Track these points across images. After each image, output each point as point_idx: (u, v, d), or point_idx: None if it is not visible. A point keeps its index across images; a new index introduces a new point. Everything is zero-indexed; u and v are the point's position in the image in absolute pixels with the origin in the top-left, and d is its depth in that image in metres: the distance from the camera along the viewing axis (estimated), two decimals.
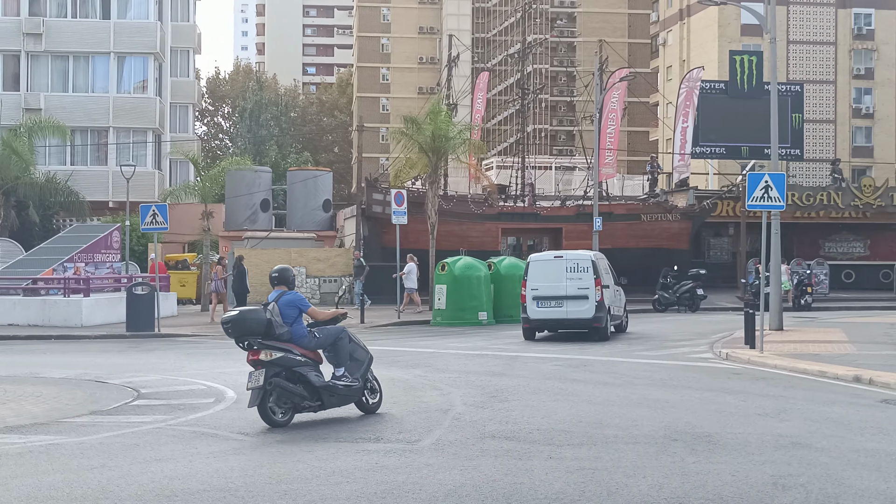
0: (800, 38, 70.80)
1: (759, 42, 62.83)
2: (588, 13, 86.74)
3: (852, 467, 9.61)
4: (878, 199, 51.81)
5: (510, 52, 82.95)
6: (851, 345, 22.19)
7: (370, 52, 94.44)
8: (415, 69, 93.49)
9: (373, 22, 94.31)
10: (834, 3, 71.26)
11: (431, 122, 37.10)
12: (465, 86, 59.30)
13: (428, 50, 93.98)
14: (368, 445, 10.78)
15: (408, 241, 37.58)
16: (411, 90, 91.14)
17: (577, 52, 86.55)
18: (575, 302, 25.19)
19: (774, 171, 23.97)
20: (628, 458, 9.99)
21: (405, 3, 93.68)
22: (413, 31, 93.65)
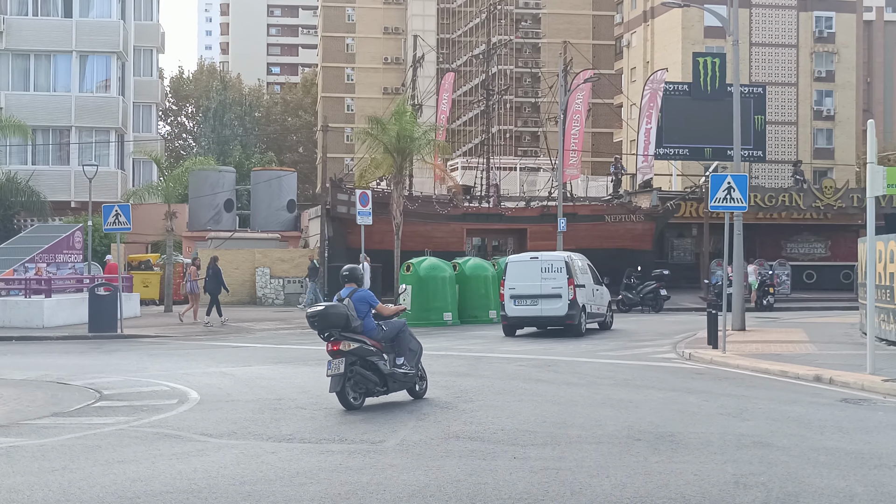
0: (762, 40, 71.37)
1: (722, 44, 63.31)
2: (553, 14, 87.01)
3: (812, 466, 9.70)
4: (839, 201, 52.34)
5: (475, 52, 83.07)
6: (812, 345, 22.41)
7: (335, 52, 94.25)
8: (380, 69, 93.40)
9: (337, 22, 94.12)
10: (795, 6, 71.90)
11: (396, 123, 37.08)
12: (430, 86, 59.32)
13: (393, 50, 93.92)
14: (332, 446, 10.76)
15: (373, 241, 37.56)
16: (376, 90, 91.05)
17: (541, 53, 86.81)
18: (549, 300, 26.47)
19: (737, 173, 24.16)
20: (592, 458, 10.03)
21: (370, 4, 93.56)
22: (378, 32, 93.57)
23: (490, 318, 32.34)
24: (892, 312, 20.83)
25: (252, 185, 55.85)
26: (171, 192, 40.22)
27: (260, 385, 16.04)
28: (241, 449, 10.68)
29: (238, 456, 10.30)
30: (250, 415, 12.92)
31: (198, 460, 10.12)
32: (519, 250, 46.62)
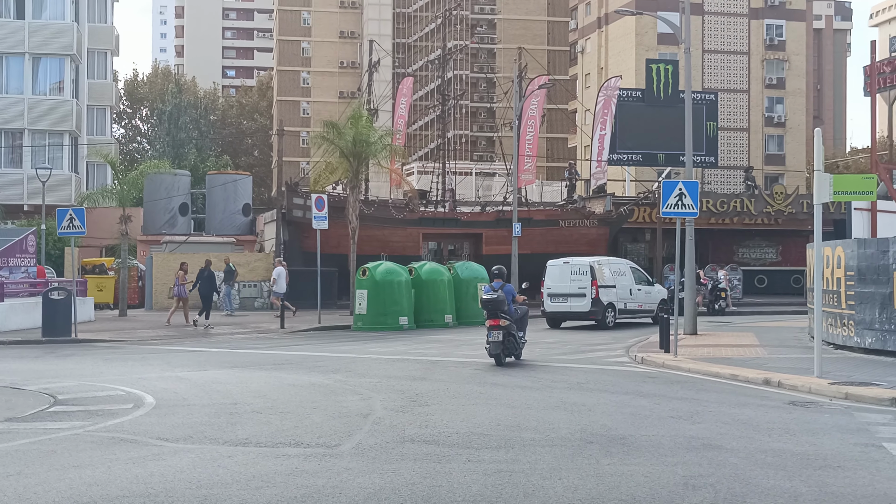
0: (715, 47, 72.18)
1: (675, 51, 63.96)
2: (508, 20, 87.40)
3: (759, 467, 9.93)
4: (790, 206, 53.00)
5: (431, 57, 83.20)
6: (762, 348, 22.75)
7: (290, 56, 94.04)
8: (336, 73, 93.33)
9: (293, 25, 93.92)
10: (747, 14, 72.78)
11: (353, 127, 37.14)
12: (386, 90, 59.43)
13: (349, 54, 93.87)
14: (288, 450, 10.85)
15: (328, 245, 37.58)
16: (332, 94, 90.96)
17: (497, 58, 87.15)
18: (576, 298, 31.57)
19: (688, 179, 24.49)
20: (545, 461, 10.19)
21: (326, 7, 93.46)
22: (334, 36, 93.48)
23: (446, 323, 32.47)
24: (838, 317, 21.22)
25: (207, 188, 55.62)
26: (126, 196, 40.00)
27: (216, 389, 16.06)
28: (197, 453, 10.73)
29: (194, 460, 10.35)
30: (206, 419, 12.96)
31: (154, 464, 10.16)
32: (475, 255, 46.86)
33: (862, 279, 20.14)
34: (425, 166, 64.25)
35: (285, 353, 23.26)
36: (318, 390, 15.84)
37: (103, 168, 56.51)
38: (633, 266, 34.34)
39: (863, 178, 17.36)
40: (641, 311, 33.22)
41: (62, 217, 28.59)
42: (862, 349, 20.42)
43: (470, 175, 63.63)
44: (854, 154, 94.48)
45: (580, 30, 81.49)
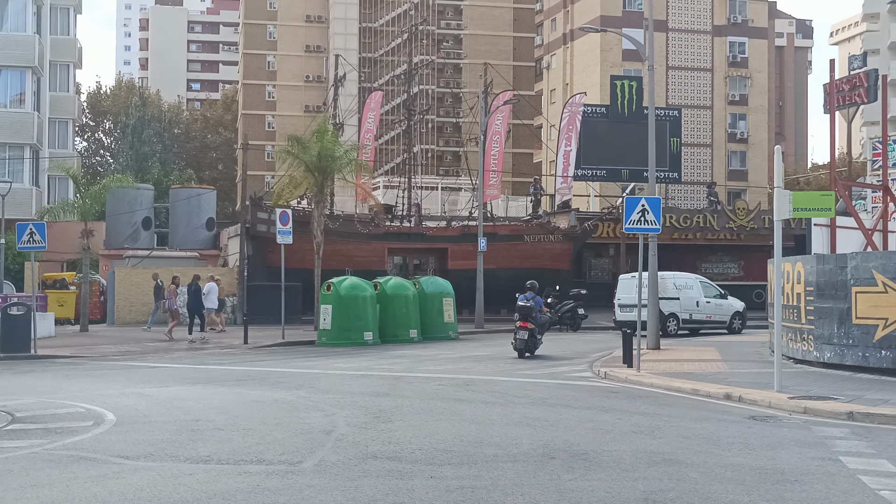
0: (678, 64, 72.77)
1: (639, 67, 64.43)
2: (474, 35, 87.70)
3: (719, 482, 10.03)
4: (752, 222, 53.53)
5: (397, 72, 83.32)
6: (724, 363, 22.93)
7: (256, 70, 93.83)
8: (301, 87, 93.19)
9: (259, 39, 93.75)
10: (710, 31, 73.46)
11: (318, 142, 37.10)
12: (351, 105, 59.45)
13: (315, 68, 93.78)
14: (250, 467, 10.82)
15: (293, 260, 37.49)
16: (297, 108, 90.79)
17: (463, 73, 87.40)
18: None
19: (651, 195, 24.67)
20: (507, 477, 10.24)
21: (292, 21, 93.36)
22: (300, 50, 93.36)
23: (411, 338, 32.46)
24: (798, 331, 21.44)
25: (171, 202, 55.36)
26: (88, 210, 39.74)
27: (177, 406, 15.98)
28: (157, 471, 10.68)
29: (155, 478, 10.30)
30: (167, 436, 12.90)
31: (114, 483, 10.10)
32: (440, 270, 46.90)
33: (821, 294, 20.36)
34: (391, 181, 64.30)
35: (248, 368, 23.19)
36: (281, 406, 15.81)
37: (65, 181, 56.14)
38: (704, 280, 37.13)
39: (821, 195, 17.57)
40: (711, 321, 35.83)
41: (22, 231, 28.33)
42: (821, 363, 20.64)
43: (436, 190, 63.74)
44: (815, 170, 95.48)
45: (545, 46, 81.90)
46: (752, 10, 74.55)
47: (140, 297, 42.65)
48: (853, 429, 13.58)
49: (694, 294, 35.69)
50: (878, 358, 19.01)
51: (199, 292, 33.74)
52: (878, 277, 18.84)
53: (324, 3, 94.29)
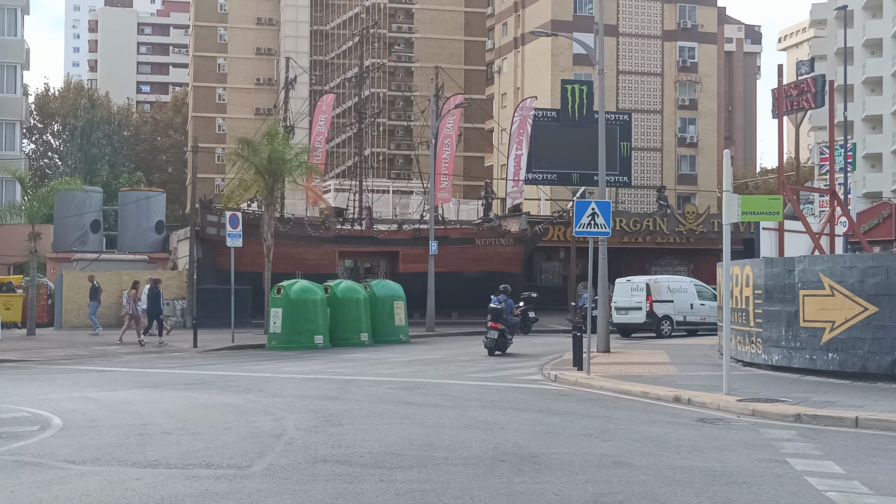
0: (629, 68, 73.28)
1: (590, 71, 64.75)
2: (425, 39, 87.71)
3: (668, 484, 10.08)
4: (701, 226, 54.00)
5: (348, 75, 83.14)
6: (673, 366, 23.10)
7: (206, 72, 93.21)
8: (252, 90, 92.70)
9: (209, 42, 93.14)
10: (661, 36, 74.05)
11: (268, 144, 36.89)
12: (302, 108, 59.17)
13: (265, 71, 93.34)
14: (199, 471, 10.72)
15: (243, 263, 37.26)
16: (248, 111, 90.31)
17: (414, 77, 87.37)
18: (635, 311, 36.46)
19: (601, 199, 24.79)
20: (457, 480, 10.22)
21: (242, 24, 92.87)
22: (250, 52, 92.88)
23: (362, 341, 32.37)
24: (747, 334, 21.64)
25: (120, 205, 54.84)
26: (36, 213, 39.22)
27: (125, 410, 15.80)
28: (105, 476, 10.54)
29: (102, 483, 10.18)
30: (115, 440, 12.74)
31: (60, 488, 9.96)
32: (391, 273, 46.81)
33: (769, 298, 20.56)
34: (342, 184, 64.07)
35: (197, 372, 22.99)
36: (231, 410, 15.69)
37: (12, 184, 55.39)
38: (698, 283, 38.36)
39: (770, 199, 17.75)
40: (705, 324, 36.35)
41: None
42: (769, 366, 20.84)
43: (387, 193, 63.61)
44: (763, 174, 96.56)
45: (497, 50, 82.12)
46: (702, 15, 75.26)
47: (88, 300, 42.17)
48: (800, 431, 13.73)
49: (688, 297, 36.82)
50: (825, 360, 19.23)
51: (158, 296, 33.91)
52: (826, 281, 19.07)
53: (275, 6, 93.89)
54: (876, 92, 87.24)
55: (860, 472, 10.80)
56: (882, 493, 9.84)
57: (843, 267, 18.99)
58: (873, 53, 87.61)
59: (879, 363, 18.30)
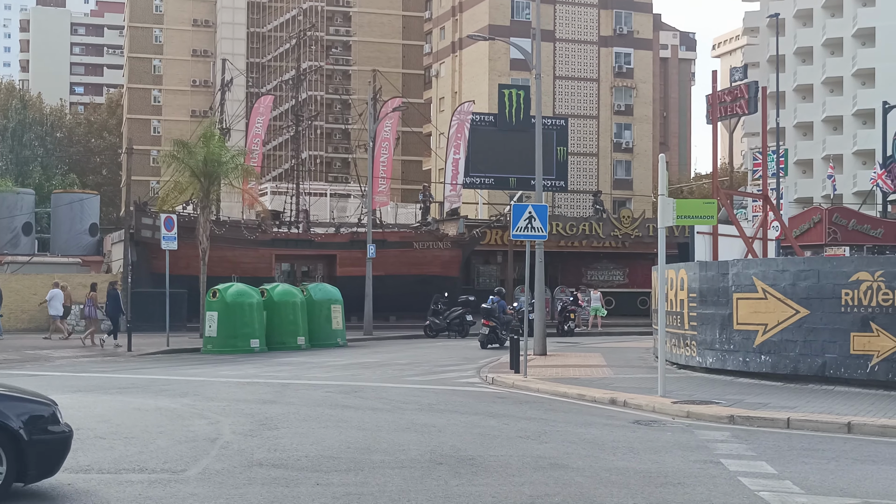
0: (566, 74, 73.72)
1: (527, 76, 65.03)
2: (363, 42, 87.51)
3: (604, 485, 10.15)
4: (636, 230, 54.46)
5: (285, 77, 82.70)
6: (609, 369, 23.27)
7: (141, 73, 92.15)
8: (188, 92, 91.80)
9: (144, 43, 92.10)
10: (597, 41, 74.61)
11: (204, 146, 36.57)
12: (239, 110, 58.79)
13: (202, 73, 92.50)
14: (132, 476, 10.59)
15: (178, 266, 36.88)
16: (184, 113, 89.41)
17: (352, 80, 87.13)
18: None
19: (538, 203, 24.92)
20: (394, 483, 10.20)
21: (178, 25, 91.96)
22: (186, 54, 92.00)
23: (299, 345, 32.19)
24: (681, 337, 21.87)
25: (52, 207, 54.00)
26: None
27: None
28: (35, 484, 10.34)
29: (32, 491, 9.99)
30: None
31: None
32: (329, 277, 46.61)
33: (703, 301, 20.80)
34: (279, 187, 63.69)
35: (132, 376, 22.71)
36: (165, 415, 15.51)
37: None
38: None
39: (704, 203, 17.96)
40: None
41: None
42: (703, 368, 21.08)
43: (324, 196, 63.35)
44: (698, 180, 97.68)
45: (434, 54, 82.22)
46: (638, 21, 75.96)
47: (20, 303, 41.44)
48: (734, 432, 13.91)
49: None
50: (758, 363, 19.50)
51: (117, 298, 34.06)
52: (759, 284, 19.33)
53: (211, 8, 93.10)
54: (807, 99, 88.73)
55: (792, 471, 10.96)
56: (812, 492, 10.00)
57: (776, 270, 19.28)
58: (804, 61, 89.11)
59: (810, 365, 18.60)
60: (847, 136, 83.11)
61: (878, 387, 17.69)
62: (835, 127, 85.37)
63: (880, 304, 17.61)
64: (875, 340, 17.67)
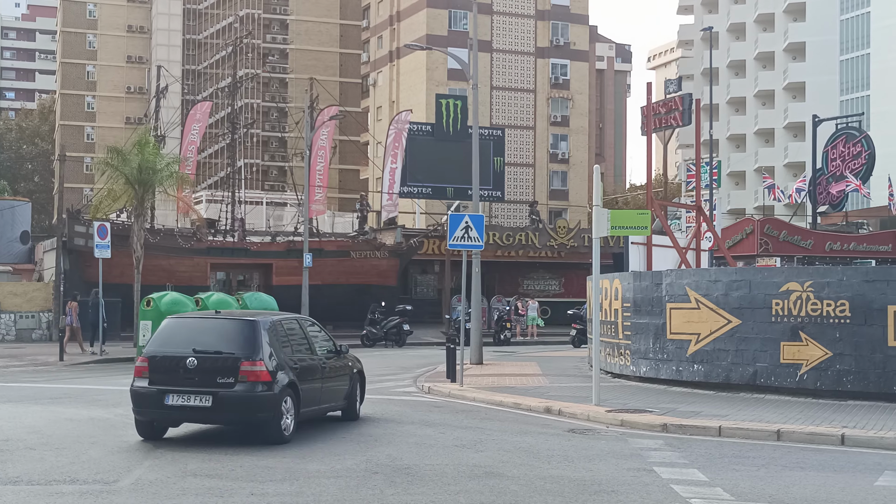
0: (503, 84, 74.05)
1: (465, 86, 65.22)
2: (300, 50, 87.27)
3: (539, 493, 10.22)
4: (572, 240, 54.84)
5: (221, 85, 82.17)
6: (545, 378, 23.40)
7: (75, 80, 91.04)
8: (123, 98, 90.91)
9: (78, 48, 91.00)
10: (534, 52, 75.05)
11: (139, 154, 36.19)
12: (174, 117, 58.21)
13: (137, 79, 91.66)
14: (63, 487, 10.45)
15: (112, 275, 36.47)
16: (118, 120, 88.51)
17: (289, 88, 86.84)
18: None
19: (475, 213, 25.03)
20: (329, 492, 10.19)
21: (113, 31, 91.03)
22: (121, 60, 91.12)
23: None
24: (616, 346, 22.08)
25: None
26: None
27: None
28: None
29: None
30: None
31: None
32: (265, 286, 46.33)
33: (637, 310, 21.02)
34: (214, 195, 63.20)
35: (64, 386, 22.38)
36: (98, 425, 15.33)
37: None
38: None
39: (638, 214, 18.19)
40: None
41: None
42: (637, 377, 21.29)
43: (260, 205, 62.98)
44: (633, 191, 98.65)
45: (372, 63, 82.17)
46: (574, 33, 76.55)
47: None
48: (667, 440, 14.07)
49: None
50: (690, 372, 19.74)
51: (97, 306, 34.04)
52: (692, 294, 19.59)
53: (146, 14, 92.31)
54: (740, 111, 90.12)
55: (723, 479, 11.13)
56: (742, 498, 10.16)
57: (709, 281, 19.55)
58: (737, 74, 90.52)
59: (742, 374, 18.87)
60: (779, 148, 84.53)
61: (807, 395, 18.01)
62: (767, 139, 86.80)
63: (809, 314, 17.93)
64: (804, 349, 17.99)
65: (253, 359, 13.26)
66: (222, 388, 13.19)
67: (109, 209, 40.96)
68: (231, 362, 13.28)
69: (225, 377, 13.19)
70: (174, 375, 13.39)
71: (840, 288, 17.71)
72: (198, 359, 13.29)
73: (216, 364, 13.33)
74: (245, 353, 13.29)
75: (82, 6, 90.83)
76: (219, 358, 13.38)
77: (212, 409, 13.15)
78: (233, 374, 13.19)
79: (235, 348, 13.39)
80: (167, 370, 13.51)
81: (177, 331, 14.16)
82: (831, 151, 48.17)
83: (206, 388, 13.18)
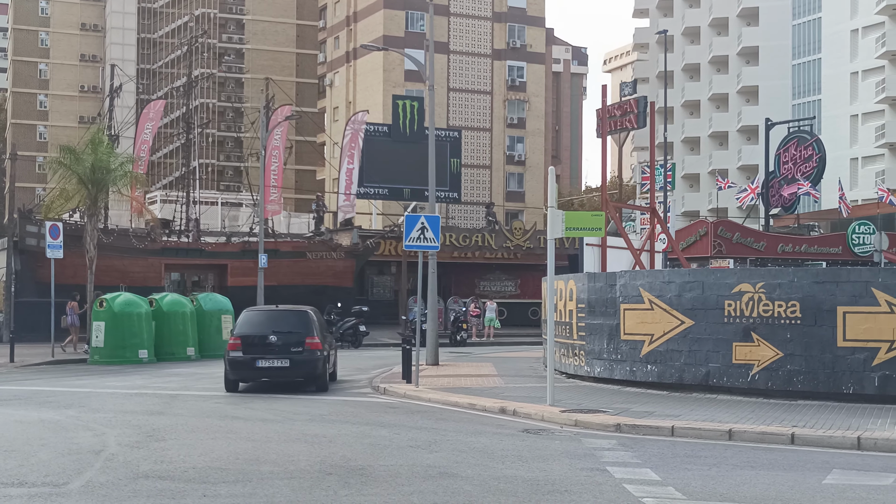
0: (459, 86, 74.19)
1: (422, 87, 65.26)
2: (256, 50, 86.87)
3: (492, 494, 10.24)
4: (528, 242, 55.01)
5: (176, 85, 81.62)
6: (500, 378, 23.46)
7: (27, 78, 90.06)
8: (76, 97, 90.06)
9: (30, 46, 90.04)
10: (490, 54, 75.25)
11: (92, 153, 35.86)
12: (128, 116, 57.72)
13: (90, 78, 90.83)
14: (10, 490, 10.32)
15: (65, 275, 36.08)
16: (72, 119, 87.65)
17: (245, 88, 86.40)
18: None
19: (431, 214, 25.05)
20: (282, 494, 10.15)
21: (66, 29, 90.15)
22: (74, 59, 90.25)
23: (188, 356, 31.76)
24: (570, 347, 22.18)
25: None
26: None
27: None
28: None
29: None
30: None
31: None
32: (219, 286, 46.09)
33: (592, 311, 21.13)
34: (169, 195, 62.75)
35: (13, 388, 22.12)
36: (48, 427, 15.16)
37: None
38: None
39: (592, 216, 18.28)
40: None
41: None
42: (592, 378, 21.40)
43: (215, 205, 62.64)
44: (588, 192, 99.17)
45: (328, 63, 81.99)
46: (531, 35, 76.84)
47: None
48: (620, 440, 14.15)
49: None
50: (644, 372, 19.87)
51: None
52: (645, 295, 19.72)
53: (100, 12, 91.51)
54: (694, 115, 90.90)
55: (675, 478, 11.21)
56: (694, 497, 10.25)
57: (662, 282, 19.69)
58: (692, 77, 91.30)
59: (695, 374, 19.03)
60: (732, 151, 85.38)
61: (758, 395, 18.19)
62: (721, 142, 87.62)
63: (761, 315, 18.11)
64: (756, 350, 18.17)
65: (312, 335, 20.62)
66: (295, 354, 20.47)
67: (62, 209, 40.57)
68: (299, 337, 20.50)
69: (296, 347, 20.41)
70: (261, 347, 20.49)
71: (791, 289, 17.90)
72: (277, 336, 20.51)
73: (290, 339, 20.46)
74: (307, 331, 20.64)
75: (34, 3, 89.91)
76: (291, 335, 20.52)
77: (289, 368, 20.48)
78: (301, 345, 20.46)
79: (301, 328, 20.68)
80: (255, 345, 20.59)
81: (253, 319, 21.38)
82: (783, 154, 48.70)
83: (284, 354, 20.46)
